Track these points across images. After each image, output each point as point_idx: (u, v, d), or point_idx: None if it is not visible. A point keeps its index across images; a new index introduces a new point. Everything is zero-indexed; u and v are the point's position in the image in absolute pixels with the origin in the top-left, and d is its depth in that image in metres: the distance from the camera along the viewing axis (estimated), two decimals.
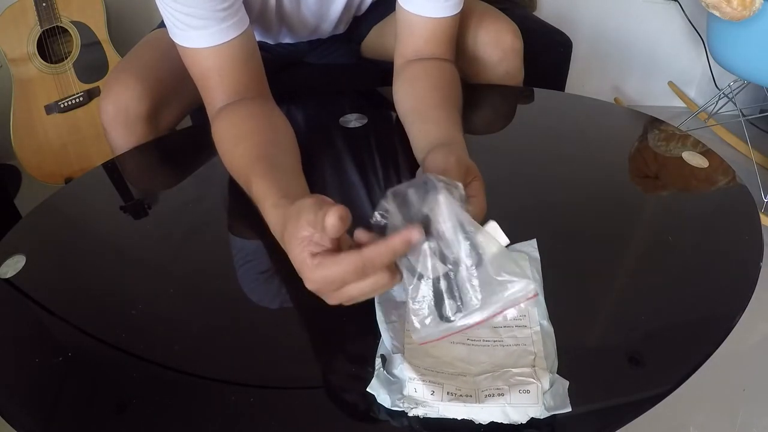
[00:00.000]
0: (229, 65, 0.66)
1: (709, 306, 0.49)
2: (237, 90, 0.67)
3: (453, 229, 0.39)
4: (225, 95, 0.67)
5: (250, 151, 0.58)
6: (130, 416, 0.42)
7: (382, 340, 0.44)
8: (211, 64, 0.66)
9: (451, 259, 0.40)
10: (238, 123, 0.64)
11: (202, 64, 0.66)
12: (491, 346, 0.44)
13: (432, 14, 0.72)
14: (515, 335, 0.44)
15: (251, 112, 0.65)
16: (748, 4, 1.26)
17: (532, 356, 0.42)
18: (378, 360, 0.42)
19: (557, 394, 0.39)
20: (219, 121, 0.65)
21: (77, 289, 0.56)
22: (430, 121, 0.63)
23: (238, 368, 0.45)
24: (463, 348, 0.44)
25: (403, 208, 0.40)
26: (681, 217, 0.61)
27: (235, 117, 0.65)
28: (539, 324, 0.45)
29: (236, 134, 0.62)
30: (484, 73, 0.88)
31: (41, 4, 1.37)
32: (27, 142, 1.43)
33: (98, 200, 0.70)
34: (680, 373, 0.42)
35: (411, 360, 0.42)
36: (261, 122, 0.64)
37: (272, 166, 0.55)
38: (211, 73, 0.66)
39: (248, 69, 0.68)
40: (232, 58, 0.66)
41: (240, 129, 0.63)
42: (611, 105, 0.90)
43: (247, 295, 0.53)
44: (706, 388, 1.01)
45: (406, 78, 0.74)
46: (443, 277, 0.40)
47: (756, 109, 1.86)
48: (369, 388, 0.41)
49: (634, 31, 1.88)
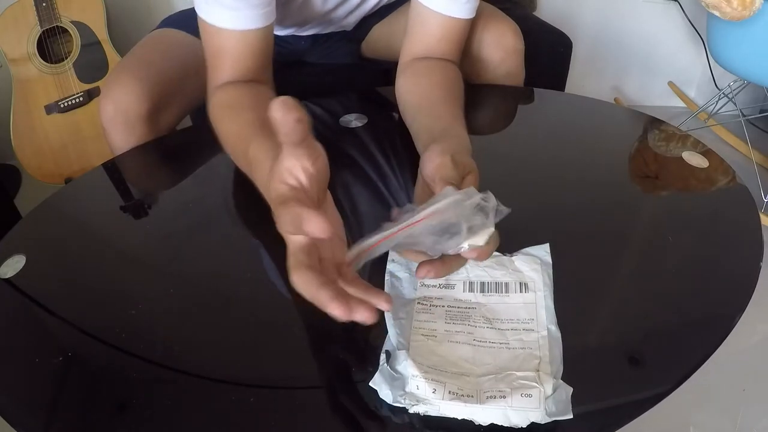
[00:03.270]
0: (245, 51, 0.68)
1: (709, 306, 0.49)
2: (244, 75, 0.69)
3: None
4: (232, 75, 0.68)
5: (253, 119, 0.58)
6: (130, 416, 0.42)
7: (388, 336, 0.44)
8: (229, 45, 0.67)
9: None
10: (246, 94, 0.65)
11: (219, 43, 0.67)
12: (497, 348, 0.44)
13: (450, 13, 0.74)
14: (522, 338, 0.44)
15: (258, 90, 0.67)
16: (748, 4, 1.26)
17: (537, 360, 0.42)
18: (383, 355, 0.43)
19: (560, 400, 0.39)
20: (224, 91, 0.66)
21: (77, 289, 0.56)
22: (433, 116, 0.63)
23: (238, 368, 0.45)
24: (469, 348, 0.44)
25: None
26: (681, 217, 0.61)
27: (243, 89, 0.66)
28: (547, 329, 0.45)
29: (243, 103, 0.63)
30: (486, 74, 0.88)
31: (41, 4, 1.37)
32: (27, 142, 1.43)
33: (98, 200, 0.70)
34: (680, 373, 0.42)
35: (415, 357, 0.42)
36: (264, 99, 0.64)
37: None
38: (225, 53, 0.68)
39: (261, 60, 0.70)
40: (250, 46, 0.68)
41: (248, 100, 0.64)
42: (611, 105, 0.90)
43: (248, 293, 0.53)
44: (706, 388, 1.02)
45: (410, 74, 0.74)
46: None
47: (756, 109, 1.86)
48: (371, 382, 0.41)
49: (634, 31, 1.88)
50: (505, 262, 0.50)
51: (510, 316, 0.46)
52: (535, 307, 0.47)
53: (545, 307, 0.46)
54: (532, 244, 0.53)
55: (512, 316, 0.46)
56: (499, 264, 0.50)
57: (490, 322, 0.46)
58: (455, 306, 0.47)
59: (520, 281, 0.49)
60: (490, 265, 0.50)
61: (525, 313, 0.46)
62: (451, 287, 0.49)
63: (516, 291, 0.48)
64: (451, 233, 0.40)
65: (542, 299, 0.47)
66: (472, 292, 0.48)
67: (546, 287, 0.48)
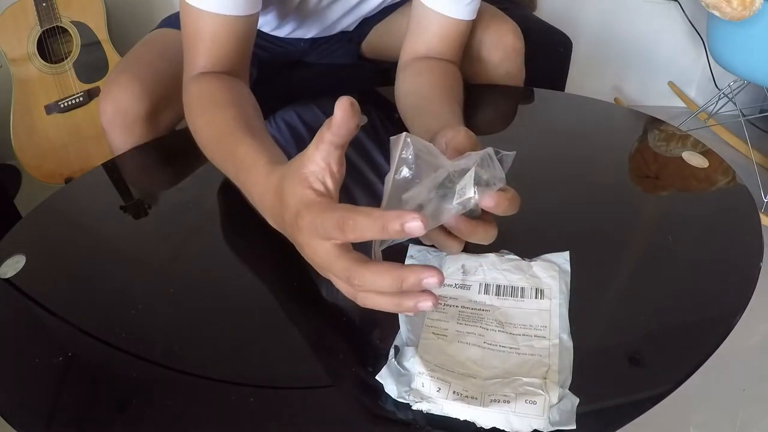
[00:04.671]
0: (225, 37, 0.66)
1: (709, 306, 0.49)
2: (221, 62, 0.67)
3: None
4: (209, 62, 0.67)
5: (236, 117, 0.57)
6: (130, 416, 0.42)
7: (399, 332, 0.44)
8: (210, 29, 0.66)
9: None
10: (223, 89, 0.64)
11: (199, 25, 0.66)
12: (506, 353, 0.43)
13: (452, 15, 0.74)
14: (532, 345, 0.44)
15: (235, 85, 0.66)
16: (748, 4, 1.26)
17: (545, 368, 0.42)
18: (392, 350, 0.43)
19: (564, 410, 0.39)
20: (201, 83, 0.65)
21: (77, 289, 0.56)
22: (433, 116, 0.63)
23: (239, 367, 0.45)
24: (478, 350, 0.44)
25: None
26: (681, 217, 0.61)
27: (221, 83, 0.65)
28: (559, 337, 0.44)
29: (223, 98, 0.62)
30: (486, 74, 0.88)
31: (41, 4, 1.37)
32: (27, 142, 1.43)
33: (98, 200, 0.70)
34: (680, 373, 0.42)
35: (423, 355, 0.42)
36: (245, 96, 0.64)
37: (265, 135, 0.55)
38: (205, 36, 0.66)
39: (240, 48, 0.69)
40: (232, 32, 0.67)
41: (227, 95, 0.63)
42: (611, 105, 0.90)
43: (249, 293, 0.53)
44: (706, 388, 1.02)
45: (410, 74, 0.74)
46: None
47: (756, 109, 1.86)
48: (378, 376, 0.41)
49: (634, 31, 1.88)
50: (523, 267, 0.50)
51: (523, 321, 0.46)
52: (549, 314, 0.46)
53: (559, 315, 0.46)
54: (531, 243, 0.53)
55: (525, 322, 0.46)
56: (517, 268, 0.50)
57: (503, 326, 0.46)
58: (469, 307, 0.47)
59: (536, 287, 0.49)
60: (508, 268, 0.50)
61: (538, 319, 0.46)
62: (467, 288, 0.49)
63: (531, 297, 0.48)
64: (453, 182, 0.41)
65: (557, 307, 0.47)
66: (488, 294, 0.48)
67: (562, 295, 0.48)
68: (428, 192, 0.41)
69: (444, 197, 0.42)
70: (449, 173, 0.42)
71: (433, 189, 0.42)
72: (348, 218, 0.36)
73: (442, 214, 0.42)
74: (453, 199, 0.41)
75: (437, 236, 0.47)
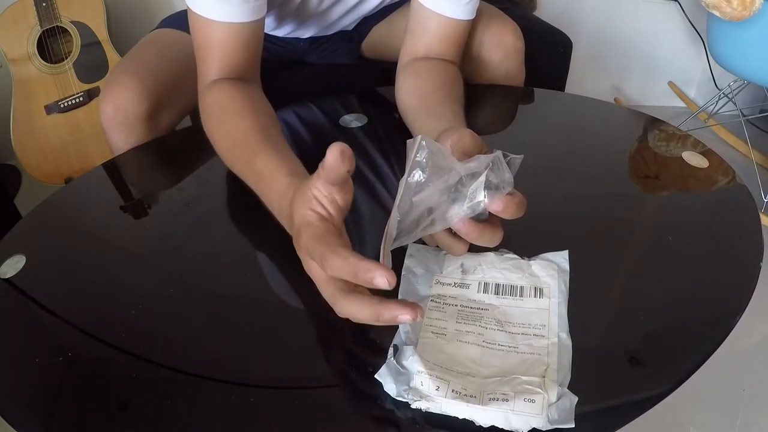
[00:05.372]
0: (234, 44, 0.67)
1: (709, 306, 0.49)
2: (233, 69, 0.69)
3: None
4: (221, 70, 0.68)
5: (255, 127, 0.59)
6: (130, 416, 0.42)
7: (398, 331, 0.44)
8: (219, 37, 0.67)
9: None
10: (239, 97, 0.65)
11: (209, 35, 0.67)
12: (505, 352, 0.43)
13: (451, 14, 0.74)
14: (531, 344, 0.44)
15: (251, 93, 0.67)
16: (748, 4, 1.26)
17: (544, 367, 0.42)
18: (391, 349, 0.43)
19: (563, 409, 0.39)
20: (216, 92, 0.66)
21: (77, 289, 0.56)
22: (434, 117, 0.63)
23: (239, 367, 0.45)
24: (477, 349, 0.44)
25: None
26: (681, 218, 0.61)
27: (236, 91, 0.66)
28: (557, 336, 0.44)
29: (240, 107, 0.63)
30: (486, 74, 0.88)
31: (41, 4, 1.37)
32: (27, 142, 1.43)
33: (98, 200, 0.70)
34: (680, 373, 0.42)
35: (422, 354, 0.42)
36: (261, 103, 0.66)
37: (283, 146, 0.56)
38: (215, 46, 0.67)
39: (250, 53, 0.70)
40: (240, 39, 0.68)
41: (243, 103, 0.64)
42: (611, 105, 0.90)
43: (249, 293, 0.53)
44: (706, 388, 1.02)
45: (410, 74, 0.74)
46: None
47: (756, 109, 1.87)
48: (377, 375, 0.41)
49: (634, 31, 1.88)
50: (522, 266, 0.50)
51: (522, 320, 0.46)
52: (548, 313, 0.46)
53: (558, 314, 0.46)
54: (530, 242, 0.53)
55: (524, 321, 0.46)
56: (516, 267, 0.50)
57: (501, 324, 0.46)
58: (468, 306, 0.47)
59: (535, 286, 0.49)
60: (507, 267, 0.50)
61: (537, 318, 0.46)
62: (466, 287, 0.49)
63: (530, 295, 0.48)
64: (464, 186, 0.42)
65: (556, 306, 0.47)
66: (486, 293, 0.48)
67: (561, 294, 0.48)
68: (439, 195, 0.42)
69: (454, 201, 0.43)
70: (461, 177, 0.42)
71: (444, 192, 0.42)
72: (327, 257, 0.38)
73: (452, 217, 0.43)
74: (463, 203, 0.42)
75: (443, 238, 0.47)
